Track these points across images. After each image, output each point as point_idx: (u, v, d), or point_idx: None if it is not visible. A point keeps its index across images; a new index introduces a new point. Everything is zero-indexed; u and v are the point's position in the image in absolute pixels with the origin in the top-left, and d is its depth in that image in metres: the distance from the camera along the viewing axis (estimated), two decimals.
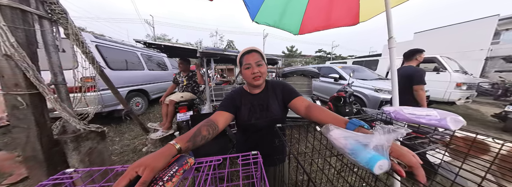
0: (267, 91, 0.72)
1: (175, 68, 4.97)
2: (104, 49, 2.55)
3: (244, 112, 0.68)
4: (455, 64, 3.88)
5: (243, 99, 0.70)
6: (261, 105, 0.70)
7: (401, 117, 0.54)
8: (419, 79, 1.55)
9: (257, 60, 0.63)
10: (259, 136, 0.72)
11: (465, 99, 3.47)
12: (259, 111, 0.69)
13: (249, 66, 0.63)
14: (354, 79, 3.13)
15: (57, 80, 0.91)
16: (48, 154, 0.84)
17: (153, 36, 19.08)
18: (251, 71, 0.63)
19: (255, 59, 0.63)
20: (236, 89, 0.75)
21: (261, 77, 0.64)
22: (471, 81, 3.56)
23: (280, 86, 0.73)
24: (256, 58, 0.63)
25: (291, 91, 0.70)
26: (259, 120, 0.68)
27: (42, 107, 0.83)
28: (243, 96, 0.71)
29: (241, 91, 0.73)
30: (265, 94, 0.72)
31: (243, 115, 0.68)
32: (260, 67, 0.64)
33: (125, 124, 2.68)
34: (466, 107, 4.41)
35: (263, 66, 0.64)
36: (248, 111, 0.69)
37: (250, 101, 0.70)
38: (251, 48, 0.66)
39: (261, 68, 0.64)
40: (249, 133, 0.74)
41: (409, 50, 1.75)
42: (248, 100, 0.70)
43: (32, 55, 0.77)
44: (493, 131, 2.63)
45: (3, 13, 0.68)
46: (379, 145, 0.26)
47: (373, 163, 0.24)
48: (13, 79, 0.74)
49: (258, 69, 0.63)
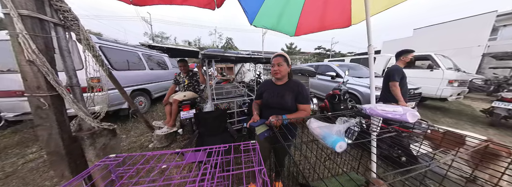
0: (287, 86, 0.99)
1: (175, 67, 5.02)
2: (107, 50, 2.60)
3: (266, 95, 1.02)
4: (449, 61, 3.95)
5: (268, 87, 1.04)
6: (278, 93, 0.98)
7: (374, 113, 0.65)
8: (392, 77, 1.77)
9: (279, 61, 0.94)
10: (270, 113, 0.94)
11: (457, 95, 3.58)
12: (276, 97, 0.98)
13: (273, 65, 0.96)
14: (350, 77, 3.22)
15: (72, 82, 0.98)
16: (69, 149, 0.94)
17: (151, 34, 18.87)
18: (273, 68, 0.96)
19: (278, 61, 0.95)
20: (266, 81, 1.10)
21: (279, 73, 0.95)
22: (463, 78, 3.66)
23: (299, 87, 0.98)
24: (278, 60, 0.94)
25: (303, 96, 0.96)
26: (273, 102, 0.98)
27: (61, 107, 0.91)
28: (269, 85, 1.04)
29: (269, 82, 1.07)
30: (285, 87, 0.99)
31: (265, 97, 1.02)
32: (280, 66, 0.94)
33: (130, 122, 2.78)
34: (459, 103, 4.54)
35: (282, 66, 0.95)
36: (268, 95, 1.01)
37: (272, 89, 1.01)
38: (278, 53, 0.97)
39: (280, 68, 0.94)
40: (266, 108, 1.04)
41: (398, 51, 1.90)
42: (271, 88, 1.02)
43: (51, 60, 0.85)
44: (480, 126, 2.76)
45: (24, 23, 0.75)
46: (338, 131, 0.35)
47: (335, 144, 0.33)
48: (36, 82, 0.82)
49: (277, 67, 0.94)
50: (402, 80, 1.81)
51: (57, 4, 0.86)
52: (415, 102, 2.98)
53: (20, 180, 1.41)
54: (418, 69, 3.96)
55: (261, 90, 1.06)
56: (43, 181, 1.40)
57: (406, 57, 1.82)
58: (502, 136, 2.41)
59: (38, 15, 0.78)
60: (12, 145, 2.05)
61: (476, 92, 4.34)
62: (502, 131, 2.57)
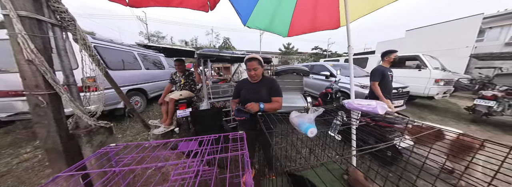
0: (261, 83, 1.13)
1: (171, 67, 5.01)
2: (102, 49, 2.59)
3: (243, 92, 1.16)
4: (436, 61, 4.16)
5: (245, 85, 1.17)
6: (254, 89, 1.12)
7: (351, 106, 0.73)
8: (372, 77, 1.97)
9: (254, 66, 1.05)
10: None
11: (443, 94, 3.76)
12: (251, 92, 1.12)
13: (249, 70, 1.07)
14: (342, 76, 3.34)
15: (69, 81, 1.01)
16: (66, 146, 0.97)
17: (147, 33, 18.57)
18: (250, 73, 1.08)
19: (253, 66, 1.05)
20: (243, 80, 1.23)
21: (256, 76, 1.09)
22: (449, 77, 3.85)
23: (272, 83, 1.13)
24: (253, 65, 1.05)
25: (276, 90, 1.11)
26: (250, 97, 1.11)
27: (59, 105, 0.94)
28: (246, 83, 1.18)
29: (246, 80, 1.20)
30: (260, 84, 1.13)
31: (243, 94, 1.16)
32: (256, 70, 1.07)
33: (126, 122, 2.78)
34: (446, 101, 4.77)
35: (258, 69, 1.07)
36: (245, 92, 1.15)
37: (248, 86, 1.15)
38: (252, 56, 1.06)
39: (257, 71, 1.07)
40: (244, 104, 1.12)
41: (383, 51, 2.04)
42: (248, 85, 1.16)
43: (49, 60, 0.87)
44: (463, 122, 2.94)
45: (23, 23, 0.78)
46: (309, 119, 0.42)
47: (307, 130, 0.40)
48: (34, 81, 0.84)
49: (254, 72, 1.06)
50: (383, 79, 1.95)
51: (55, 5, 0.88)
52: (404, 100, 3.12)
53: (16, 179, 1.41)
54: (407, 68, 4.14)
55: (238, 89, 1.19)
56: (39, 180, 1.41)
57: (389, 57, 1.96)
58: (482, 131, 2.58)
59: (36, 16, 0.81)
60: (5, 146, 2.02)
61: (462, 91, 4.57)
62: (482, 127, 2.73)
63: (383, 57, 2.02)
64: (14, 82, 2.02)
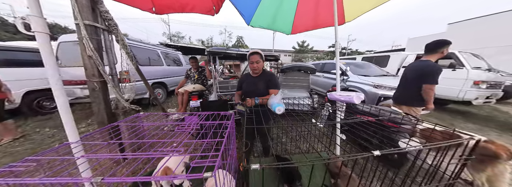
0: (261, 77, 1.25)
1: (188, 64, 5.51)
2: (133, 48, 3.09)
3: (245, 85, 1.30)
4: (479, 61, 3.46)
5: (247, 79, 1.31)
6: (254, 83, 1.25)
7: (332, 97, 0.82)
8: (432, 79, 1.36)
9: (256, 59, 1.18)
10: (249, 97, 1.24)
11: (485, 99, 3.09)
12: (251, 85, 1.26)
13: (252, 63, 1.19)
14: (355, 75, 3.19)
15: (112, 72, 1.33)
16: (110, 121, 1.29)
17: (169, 33, 20.35)
18: (252, 66, 1.21)
19: (255, 59, 1.18)
20: (245, 74, 1.38)
21: (257, 69, 1.21)
22: (495, 79, 3.13)
23: (270, 76, 1.26)
24: (256, 58, 1.17)
25: (273, 83, 1.23)
26: (249, 90, 1.26)
27: (106, 90, 1.26)
28: (248, 77, 1.31)
29: (248, 74, 1.34)
30: (260, 77, 1.25)
31: (244, 87, 1.30)
32: (258, 63, 1.19)
33: (149, 109, 3.27)
34: (492, 109, 3.92)
35: (260, 63, 1.20)
36: (246, 85, 1.29)
37: (249, 80, 1.28)
38: (254, 51, 1.19)
39: (258, 64, 1.20)
40: (245, 96, 1.31)
41: (433, 41, 1.45)
42: (249, 78, 1.29)
43: (101, 56, 1.19)
44: (509, 133, 2.43)
45: (86, 29, 1.09)
46: (278, 98, 0.56)
47: (275, 107, 0.54)
48: (92, 71, 1.16)
49: (256, 65, 1.19)
50: None
51: (105, 15, 1.18)
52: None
53: None
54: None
55: (241, 82, 1.33)
56: None
57: (447, 50, 1.41)
58: None
59: (94, 24, 1.12)
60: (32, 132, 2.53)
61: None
62: None
63: (436, 48, 1.42)
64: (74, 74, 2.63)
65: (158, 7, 1.16)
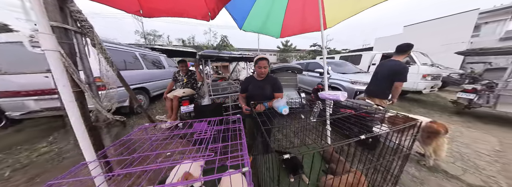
0: (266, 80, 1.33)
1: (171, 67, 5.14)
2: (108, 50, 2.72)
3: (251, 88, 1.36)
4: (425, 58, 4.36)
5: (252, 82, 1.37)
6: (260, 86, 1.32)
7: (323, 96, 0.94)
8: (404, 77, 1.63)
9: (264, 65, 1.26)
10: (254, 100, 1.30)
11: (430, 88, 3.98)
12: (258, 89, 1.32)
13: (260, 67, 1.26)
14: (335, 73, 3.55)
15: (89, 80, 1.18)
16: (91, 136, 1.14)
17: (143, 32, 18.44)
18: (260, 71, 1.28)
19: (264, 64, 1.26)
20: (249, 77, 1.43)
21: (264, 73, 1.30)
22: (436, 72, 4.08)
23: (274, 80, 1.35)
24: (264, 64, 1.25)
25: (278, 87, 1.32)
26: (256, 93, 1.32)
27: (84, 100, 1.11)
28: (253, 80, 1.38)
29: (252, 77, 1.39)
30: (265, 81, 1.33)
31: (250, 90, 1.36)
32: (265, 69, 1.28)
33: (131, 119, 2.96)
34: (436, 95, 4.99)
35: (267, 68, 1.28)
36: (252, 88, 1.35)
37: (255, 83, 1.35)
38: (262, 57, 1.27)
39: (266, 69, 1.28)
40: (250, 99, 1.34)
41: (404, 44, 1.70)
42: (255, 82, 1.36)
43: (75, 62, 1.03)
44: (447, 114, 3.17)
45: (55, 32, 0.93)
46: (283, 102, 0.61)
47: (281, 109, 0.59)
48: None
49: (264, 70, 1.27)
50: None
51: (77, 15, 1.03)
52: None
53: (40, 168, 1.59)
54: None
55: (245, 84, 1.38)
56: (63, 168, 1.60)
57: (410, 51, 1.68)
58: (462, 121, 2.80)
59: (63, 25, 0.97)
60: (21, 142, 2.19)
61: (453, 85, 4.80)
62: (464, 118, 2.96)
63: (406, 50, 1.67)
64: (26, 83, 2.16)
65: (147, 10, 1.07)
